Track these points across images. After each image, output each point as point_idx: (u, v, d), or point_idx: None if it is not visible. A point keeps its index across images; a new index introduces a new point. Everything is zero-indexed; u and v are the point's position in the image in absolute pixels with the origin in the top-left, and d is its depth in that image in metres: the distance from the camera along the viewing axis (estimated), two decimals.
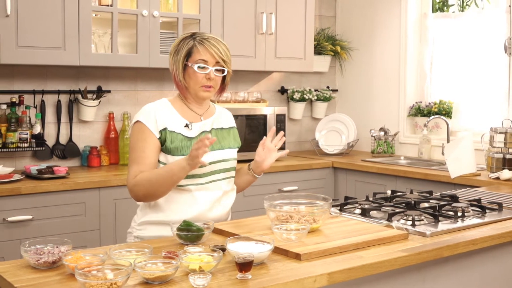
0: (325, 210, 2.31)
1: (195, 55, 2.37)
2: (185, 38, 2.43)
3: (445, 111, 4.65)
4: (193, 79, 2.39)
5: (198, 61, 2.37)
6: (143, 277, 1.75)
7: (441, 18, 4.82)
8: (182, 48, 2.39)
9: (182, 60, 2.39)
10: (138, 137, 2.37)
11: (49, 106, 3.99)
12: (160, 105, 2.45)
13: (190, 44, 2.39)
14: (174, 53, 2.42)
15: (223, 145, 2.54)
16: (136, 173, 2.34)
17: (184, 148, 2.40)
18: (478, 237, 2.29)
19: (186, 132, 2.42)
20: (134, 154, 2.37)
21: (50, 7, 3.56)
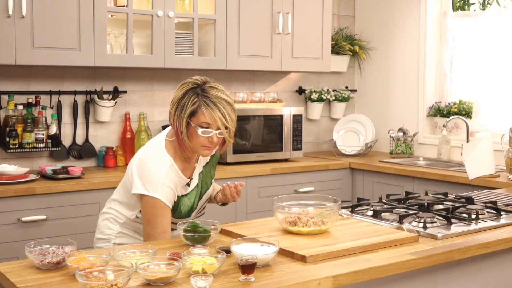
0: (334, 212, 2.28)
1: (200, 117, 2.27)
2: (190, 90, 2.30)
3: (465, 111, 4.58)
4: (194, 139, 2.29)
5: (202, 124, 2.27)
6: (145, 278, 1.74)
7: (461, 17, 4.74)
8: (187, 105, 2.27)
9: (186, 118, 2.28)
10: (157, 213, 2.31)
11: (65, 107, 4.01)
12: (168, 170, 2.33)
13: (195, 103, 2.26)
14: (178, 107, 2.30)
15: (208, 184, 2.56)
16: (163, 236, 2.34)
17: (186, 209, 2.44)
18: (491, 240, 2.24)
19: (186, 191, 2.44)
20: (154, 229, 2.31)
21: (65, 8, 3.58)
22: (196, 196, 2.48)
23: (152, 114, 4.34)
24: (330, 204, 2.35)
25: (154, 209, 2.31)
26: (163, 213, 2.32)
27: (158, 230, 2.33)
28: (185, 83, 2.35)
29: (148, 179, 2.30)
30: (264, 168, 4.11)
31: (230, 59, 4.19)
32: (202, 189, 2.51)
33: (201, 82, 2.33)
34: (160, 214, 2.31)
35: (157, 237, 2.32)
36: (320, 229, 2.23)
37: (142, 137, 4.15)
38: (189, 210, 2.45)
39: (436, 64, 4.87)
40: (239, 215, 3.96)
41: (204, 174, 2.53)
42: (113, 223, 2.51)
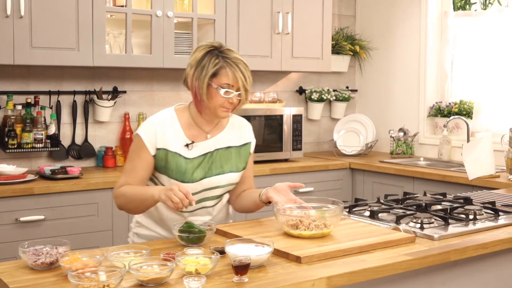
0: (336, 215, 2.22)
1: (222, 78, 2.26)
2: (209, 52, 2.29)
3: (465, 112, 4.56)
4: (214, 100, 2.28)
5: (224, 85, 2.26)
6: (138, 279, 1.73)
7: (462, 16, 4.73)
8: (208, 65, 2.25)
9: (207, 79, 2.26)
10: (134, 150, 2.35)
11: (64, 107, 4.01)
12: (164, 119, 2.37)
13: (217, 64, 2.26)
14: (197, 68, 2.28)
15: (225, 169, 2.42)
16: (122, 184, 2.33)
17: (179, 170, 2.32)
18: (489, 241, 2.23)
19: (184, 153, 2.34)
20: (127, 165, 2.37)
21: (64, 8, 3.57)
22: (201, 169, 2.35)
23: (152, 114, 4.28)
24: (332, 206, 2.30)
25: (134, 145, 2.35)
26: (138, 152, 2.32)
27: (129, 167, 2.33)
28: (201, 46, 2.34)
29: (143, 122, 2.40)
30: (264, 168, 4.10)
31: None
32: (213, 167, 2.38)
33: (218, 45, 2.33)
34: (135, 151, 2.33)
35: (126, 175, 2.32)
36: (322, 233, 2.16)
37: None
38: (185, 177, 2.32)
39: (437, 64, 4.85)
40: (238, 215, 3.94)
41: (223, 156, 2.41)
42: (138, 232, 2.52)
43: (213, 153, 2.39)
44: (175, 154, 2.32)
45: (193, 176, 2.34)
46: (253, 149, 2.55)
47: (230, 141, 2.45)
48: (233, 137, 2.47)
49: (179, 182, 2.30)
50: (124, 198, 2.32)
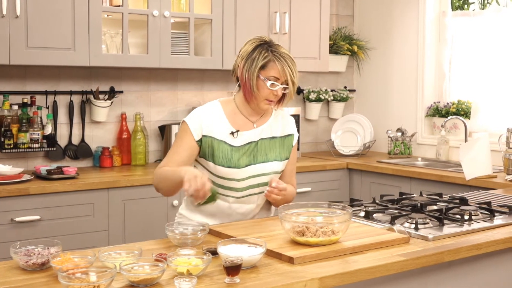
0: (345, 221, 2.10)
1: (270, 71, 2.38)
2: (259, 46, 2.41)
3: (463, 112, 4.55)
4: (261, 91, 2.39)
5: (271, 78, 2.38)
6: (129, 280, 1.73)
7: (460, 16, 4.72)
8: (258, 58, 2.37)
9: (257, 71, 2.37)
10: (179, 135, 2.46)
11: (61, 107, 4.00)
12: (210, 109, 2.48)
13: (267, 57, 2.37)
14: (248, 60, 2.40)
15: (269, 157, 2.50)
16: (162, 165, 2.42)
17: (225, 157, 2.42)
18: (483, 242, 2.22)
19: (230, 140, 2.44)
20: (171, 149, 2.46)
21: (60, 7, 3.57)
22: (246, 157, 2.44)
23: (149, 114, 4.33)
24: (340, 212, 2.21)
25: (180, 131, 2.46)
26: (182, 136, 2.43)
27: (172, 150, 2.43)
28: (252, 39, 2.46)
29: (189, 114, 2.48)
30: None
31: (226, 59, 4.17)
32: (258, 155, 2.47)
33: (268, 40, 2.45)
34: (180, 136, 2.44)
35: (168, 157, 2.42)
36: (330, 240, 2.05)
37: (138, 137, 4.14)
38: (231, 163, 2.41)
39: (435, 63, 4.84)
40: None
41: (267, 145, 2.50)
42: (182, 202, 2.61)
43: (258, 142, 2.49)
44: (221, 141, 2.43)
45: (239, 162, 2.43)
46: (296, 142, 2.63)
47: (275, 131, 2.55)
48: (277, 128, 2.56)
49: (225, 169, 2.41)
50: (158, 177, 2.41)
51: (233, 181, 2.44)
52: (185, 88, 4.48)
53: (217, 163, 2.41)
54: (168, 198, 3.71)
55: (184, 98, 4.48)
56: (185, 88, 4.48)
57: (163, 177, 2.38)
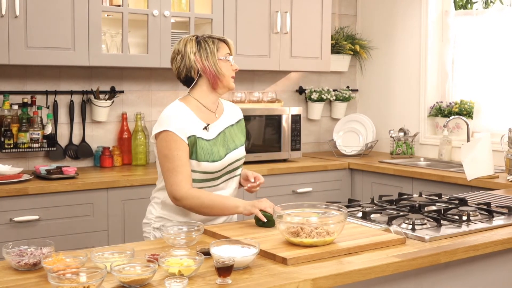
0: (340, 221, 2.08)
1: (223, 50, 2.52)
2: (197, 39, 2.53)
3: (466, 112, 4.52)
4: (225, 70, 2.51)
5: (226, 55, 2.53)
6: (120, 280, 1.72)
7: (463, 15, 4.68)
8: (208, 45, 2.50)
9: (216, 55, 2.49)
10: (171, 147, 2.42)
11: (62, 107, 4.00)
12: (178, 109, 2.50)
13: (214, 41, 2.52)
14: (200, 51, 2.49)
15: (237, 143, 2.61)
16: (184, 183, 2.40)
17: (207, 152, 2.46)
18: (480, 243, 2.19)
19: (205, 135, 2.49)
20: (172, 163, 2.41)
21: (59, 7, 3.56)
22: (222, 147, 2.52)
23: (150, 114, 4.32)
24: (336, 212, 2.19)
25: (167, 142, 2.42)
26: (177, 146, 2.41)
27: (177, 163, 2.40)
28: (183, 39, 2.55)
29: (160, 120, 2.48)
30: (261, 169, 4.07)
31: None
32: (229, 143, 2.56)
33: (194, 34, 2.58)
34: (174, 147, 2.41)
35: (179, 172, 2.39)
36: (324, 240, 2.03)
37: (139, 137, 4.13)
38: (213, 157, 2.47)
39: (437, 63, 4.81)
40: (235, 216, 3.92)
41: (231, 132, 2.60)
42: (154, 207, 2.60)
43: (225, 131, 2.59)
44: (199, 138, 2.47)
45: (219, 154, 2.50)
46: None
47: (230, 119, 2.65)
48: (231, 115, 2.66)
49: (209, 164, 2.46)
50: (199, 201, 2.41)
51: (214, 173, 2.50)
52: (186, 88, 4.45)
53: (200, 160, 2.45)
54: None
55: None
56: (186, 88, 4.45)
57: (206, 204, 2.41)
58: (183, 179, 2.40)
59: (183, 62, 2.51)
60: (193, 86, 2.57)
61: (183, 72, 2.53)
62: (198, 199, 2.40)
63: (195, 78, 2.53)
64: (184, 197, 2.40)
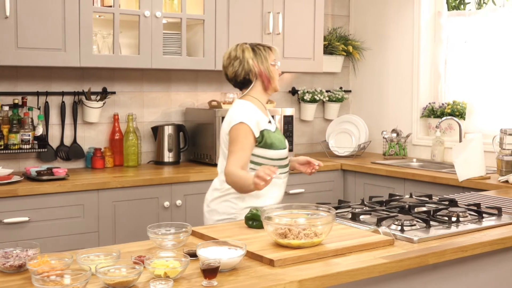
0: (328, 223, 2.08)
1: (272, 56, 2.91)
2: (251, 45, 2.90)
3: (458, 112, 4.52)
4: (274, 74, 2.91)
5: (274, 60, 2.91)
6: (105, 282, 1.71)
7: (456, 16, 4.68)
8: (262, 52, 2.88)
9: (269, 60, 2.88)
10: (241, 134, 2.76)
11: (53, 108, 3.99)
12: (250, 107, 2.85)
13: (265, 48, 2.90)
14: (256, 57, 2.87)
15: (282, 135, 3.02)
16: (235, 164, 2.70)
17: (279, 141, 2.88)
18: (468, 244, 2.19)
19: (271, 128, 2.90)
20: (236, 146, 2.75)
21: (50, 8, 3.55)
22: (282, 137, 2.93)
23: (142, 115, 4.31)
24: (324, 214, 2.18)
25: (239, 131, 2.76)
26: (245, 135, 2.75)
27: (239, 147, 2.73)
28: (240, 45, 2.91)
29: (233, 116, 2.81)
30: None
31: (219, 59, 4.14)
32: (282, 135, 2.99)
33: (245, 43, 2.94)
34: (243, 135, 2.75)
35: (237, 154, 2.71)
36: (312, 242, 2.03)
37: (130, 138, 4.12)
38: (283, 143, 2.89)
39: (430, 64, 4.81)
40: None
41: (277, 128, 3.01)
42: (233, 202, 2.83)
43: (276, 126, 3.00)
44: (268, 130, 2.84)
45: (285, 142, 2.94)
46: None
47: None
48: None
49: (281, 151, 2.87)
50: (235, 180, 2.69)
51: (285, 159, 2.92)
52: (179, 89, 4.46)
53: (276, 148, 2.84)
54: (159, 199, 3.69)
55: (177, 99, 4.46)
56: (179, 89, 4.46)
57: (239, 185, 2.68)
58: (237, 160, 2.71)
59: (241, 66, 2.86)
60: (250, 88, 2.90)
61: (241, 75, 2.87)
62: (236, 177, 2.68)
63: (252, 81, 2.88)
64: (229, 173, 2.70)
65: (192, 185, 3.81)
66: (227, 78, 2.93)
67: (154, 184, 3.69)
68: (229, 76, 2.91)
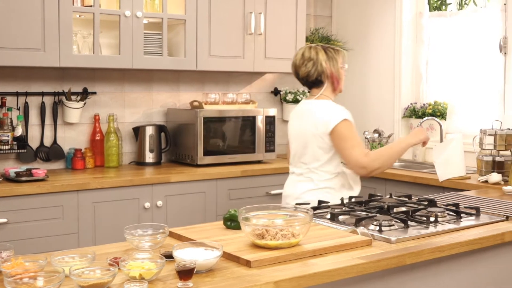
0: (305, 223, 2.07)
1: (341, 59, 3.12)
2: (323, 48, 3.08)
3: (439, 113, 4.54)
4: (342, 76, 3.13)
5: (342, 63, 3.13)
6: (78, 284, 1.69)
7: (437, 17, 4.70)
8: (333, 55, 3.08)
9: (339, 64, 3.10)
10: (352, 129, 2.99)
11: (33, 108, 3.95)
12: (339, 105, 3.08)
13: (336, 52, 3.10)
14: (329, 60, 3.06)
15: None
16: (364, 153, 2.95)
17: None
18: (445, 244, 2.20)
19: None
20: (355, 140, 2.98)
21: (29, 8, 3.52)
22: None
23: (123, 115, 4.28)
24: (302, 214, 2.17)
25: (348, 127, 2.97)
26: (354, 129, 3.00)
27: (358, 140, 2.99)
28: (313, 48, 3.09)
29: (331, 114, 2.99)
30: (235, 170, 4.06)
31: (200, 59, 4.14)
32: None
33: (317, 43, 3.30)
34: (353, 129, 2.99)
35: (360, 146, 2.97)
36: (289, 243, 2.02)
37: (111, 138, 4.09)
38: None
39: (411, 65, 4.83)
40: (208, 217, 3.91)
41: None
42: (330, 193, 3.00)
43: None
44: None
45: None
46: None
47: None
48: None
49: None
50: (384, 158, 2.99)
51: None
52: (160, 89, 4.45)
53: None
54: (140, 199, 3.67)
55: (159, 99, 4.45)
56: (160, 89, 4.45)
57: (387, 156, 3.01)
58: (363, 150, 2.96)
59: (314, 67, 3.05)
60: (323, 89, 3.08)
61: (314, 75, 3.06)
62: (381, 156, 2.98)
63: (324, 82, 3.07)
64: (370, 161, 2.93)
65: (173, 186, 3.79)
66: (297, 77, 3.12)
67: (134, 185, 3.67)
68: (301, 76, 3.09)
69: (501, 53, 4.20)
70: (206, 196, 3.92)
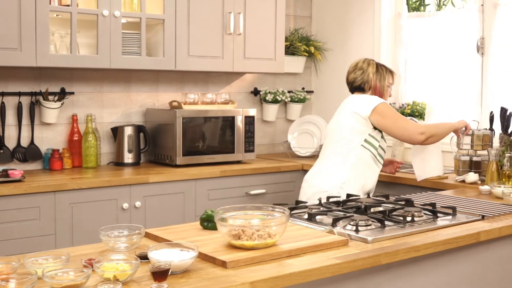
0: (282, 223, 2.07)
1: (390, 79, 3.51)
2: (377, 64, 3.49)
3: (418, 113, 4.57)
4: (385, 94, 3.48)
5: (389, 83, 3.51)
6: (52, 286, 1.67)
7: (415, 17, 4.73)
8: (383, 73, 3.47)
9: (387, 81, 3.48)
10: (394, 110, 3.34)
11: (9, 108, 3.91)
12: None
13: (387, 71, 3.49)
14: (377, 74, 3.46)
15: None
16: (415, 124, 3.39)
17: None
18: (421, 244, 2.21)
19: None
20: (401, 117, 3.35)
21: (5, 7, 3.48)
22: None
23: (101, 115, 4.25)
24: (278, 214, 2.17)
25: (389, 108, 3.32)
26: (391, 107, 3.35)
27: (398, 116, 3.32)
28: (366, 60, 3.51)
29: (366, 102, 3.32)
30: (214, 170, 4.05)
31: (179, 59, 4.12)
32: None
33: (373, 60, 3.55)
34: (391, 108, 3.34)
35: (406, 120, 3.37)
36: (266, 243, 2.02)
37: (89, 139, 4.06)
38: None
39: (390, 65, 4.81)
40: (187, 218, 3.89)
41: None
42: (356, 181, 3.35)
43: None
44: None
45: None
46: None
47: None
48: None
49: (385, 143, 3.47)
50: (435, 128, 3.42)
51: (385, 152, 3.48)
52: (139, 89, 4.42)
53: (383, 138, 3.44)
54: (118, 200, 3.65)
55: (138, 99, 4.42)
56: (139, 89, 4.42)
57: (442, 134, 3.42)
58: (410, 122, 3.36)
59: (361, 76, 3.45)
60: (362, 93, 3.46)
61: (358, 82, 3.47)
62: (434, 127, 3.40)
63: (365, 90, 3.45)
64: (427, 127, 3.35)
65: (152, 186, 3.77)
66: (346, 81, 3.53)
67: (112, 185, 3.65)
68: (349, 80, 3.50)
69: (478, 53, 4.23)
70: (185, 196, 3.90)
